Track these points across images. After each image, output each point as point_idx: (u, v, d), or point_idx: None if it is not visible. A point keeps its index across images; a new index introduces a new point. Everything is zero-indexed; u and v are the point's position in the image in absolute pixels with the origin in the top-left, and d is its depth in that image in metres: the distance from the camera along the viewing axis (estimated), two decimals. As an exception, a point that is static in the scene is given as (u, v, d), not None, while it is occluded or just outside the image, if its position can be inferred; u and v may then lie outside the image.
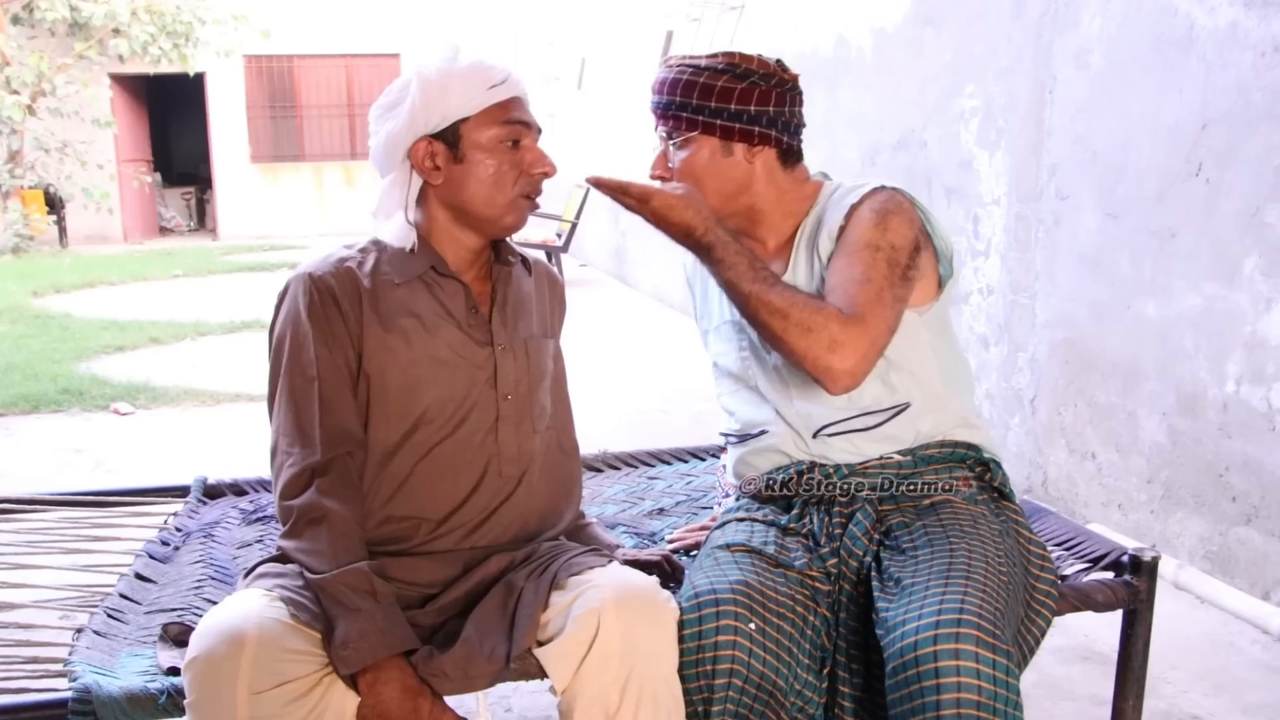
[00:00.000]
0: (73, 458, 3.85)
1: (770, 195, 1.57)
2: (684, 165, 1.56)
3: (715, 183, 1.55)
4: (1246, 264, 2.44)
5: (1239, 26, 2.44)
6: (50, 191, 11.71)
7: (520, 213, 1.45)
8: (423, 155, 1.41)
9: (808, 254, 1.55)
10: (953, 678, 1.19)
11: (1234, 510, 2.51)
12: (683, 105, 1.53)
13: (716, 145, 1.54)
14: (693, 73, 1.53)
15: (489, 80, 1.40)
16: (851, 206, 1.50)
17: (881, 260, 1.44)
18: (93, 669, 1.32)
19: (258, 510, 1.99)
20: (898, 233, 1.46)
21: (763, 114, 1.52)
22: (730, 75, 1.51)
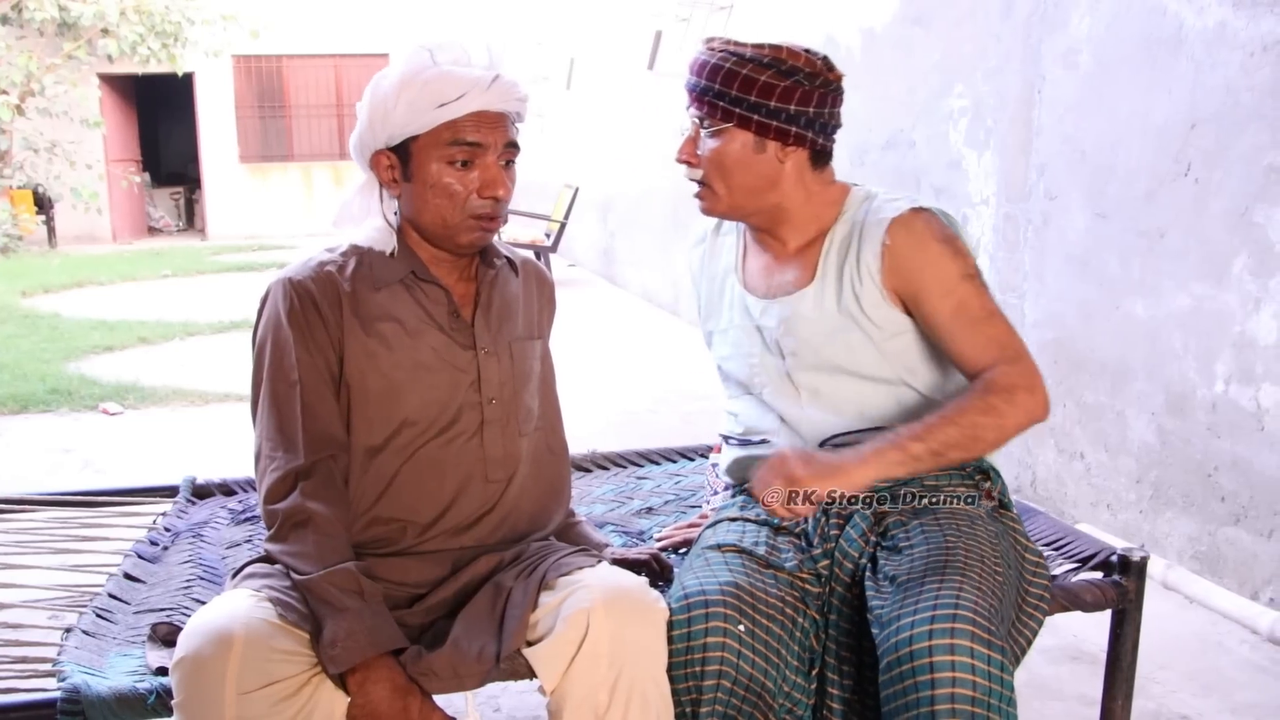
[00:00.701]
0: (61, 458, 3.84)
1: (798, 196, 1.53)
2: (713, 154, 1.51)
3: (743, 177, 1.51)
4: (1235, 264, 2.45)
5: (1228, 26, 2.45)
6: (39, 191, 11.66)
7: (474, 233, 1.41)
8: (383, 167, 1.41)
9: (837, 273, 1.51)
10: (948, 673, 1.19)
11: (1223, 510, 2.52)
12: (720, 94, 1.47)
13: (750, 140, 1.49)
14: (736, 61, 1.46)
15: (441, 97, 1.34)
16: (891, 222, 1.45)
17: (979, 285, 1.46)
18: (81, 669, 1.31)
19: (246, 510, 1.99)
20: (966, 251, 1.48)
21: (802, 114, 1.48)
22: (775, 71, 1.46)
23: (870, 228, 1.49)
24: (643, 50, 6.71)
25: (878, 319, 1.49)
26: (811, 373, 1.54)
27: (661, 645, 1.28)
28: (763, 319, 1.57)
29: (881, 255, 1.46)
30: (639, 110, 7.29)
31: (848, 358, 1.51)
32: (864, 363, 1.51)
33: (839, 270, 1.51)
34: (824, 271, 1.53)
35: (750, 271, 1.63)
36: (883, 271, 1.47)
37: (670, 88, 6.39)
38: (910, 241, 1.46)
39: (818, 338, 1.52)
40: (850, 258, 1.50)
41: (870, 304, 1.48)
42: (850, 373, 1.52)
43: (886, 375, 1.51)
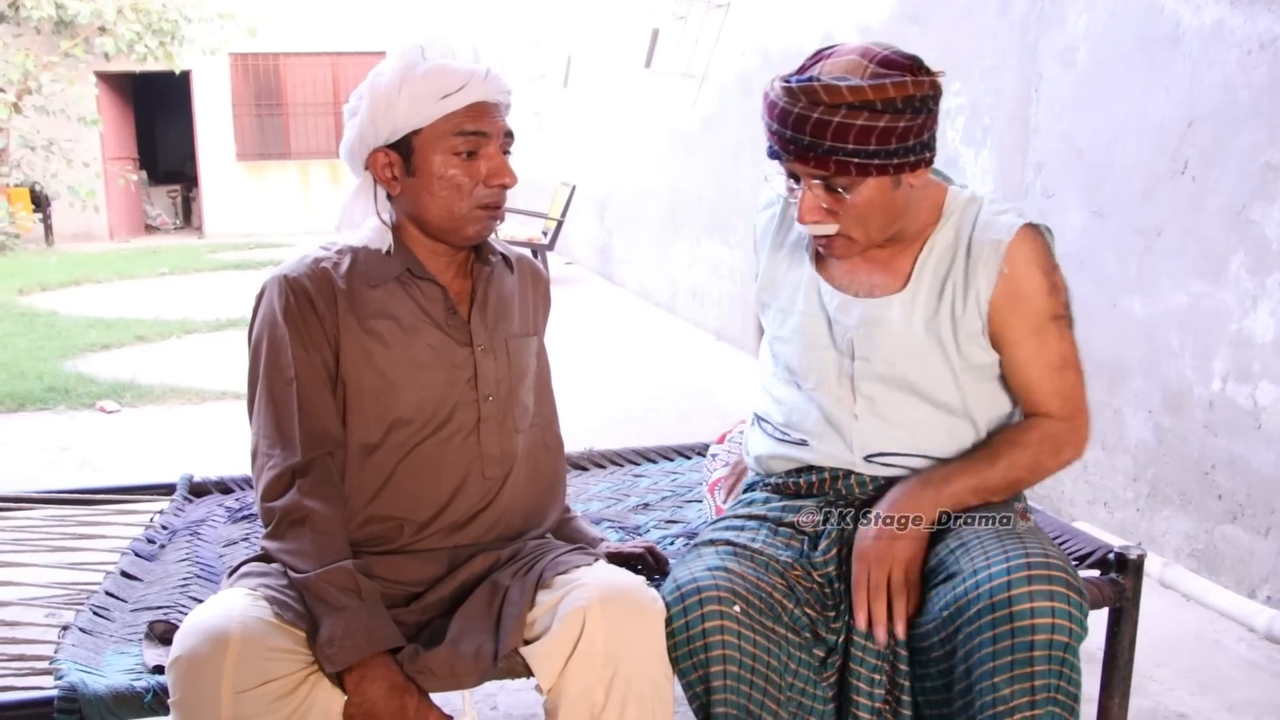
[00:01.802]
0: (58, 456, 3.83)
1: (919, 209, 1.48)
2: (851, 209, 1.41)
3: (884, 217, 1.43)
4: (1232, 262, 2.46)
5: (1225, 24, 2.45)
6: (36, 189, 11.66)
7: (480, 224, 1.41)
8: (381, 165, 1.40)
9: (936, 286, 1.46)
10: (1047, 619, 1.22)
11: (1220, 508, 2.53)
12: (854, 153, 1.36)
13: (887, 182, 1.40)
14: (847, 113, 1.34)
15: (442, 89, 1.35)
16: (1009, 247, 1.42)
17: (1063, 328, 1.46)
18: (78, 667, 1.32)
19: (243, 508, 1.99)
20: (1063, 285, 1.46)
21: (921, 139, 1.39)
22: (891, 115, 1.34)
23: (982, 247, 1.44)
24: (640, 48, 6.70)
25: (965, 347, 1.46)
26: (876, 383, 1.49)
27: (659, 643, 1.28)
28: (838, 314, 1.51)
29: (997, 282, 1.43)
30: (636, 108, 7.28)
31: (921, 378, 1.47)
32: (935, 387, 1.48)
33: (939, 284, 1.46)
34: (919, 281, 1.47)
35: (830, 260, 1.55)
36: (993, 300, 1.43)
37: (668, 86, 6.39)
38: (1023, 269, 1.43)
39: (896, 350, 1.47)
40: (955, 274, 1.45)
41: (966, 331, 1.45)
42: (916, 393, 1.48)
43: (951, 403, 1.48)
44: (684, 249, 6.47)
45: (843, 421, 1.51)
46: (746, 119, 5.29)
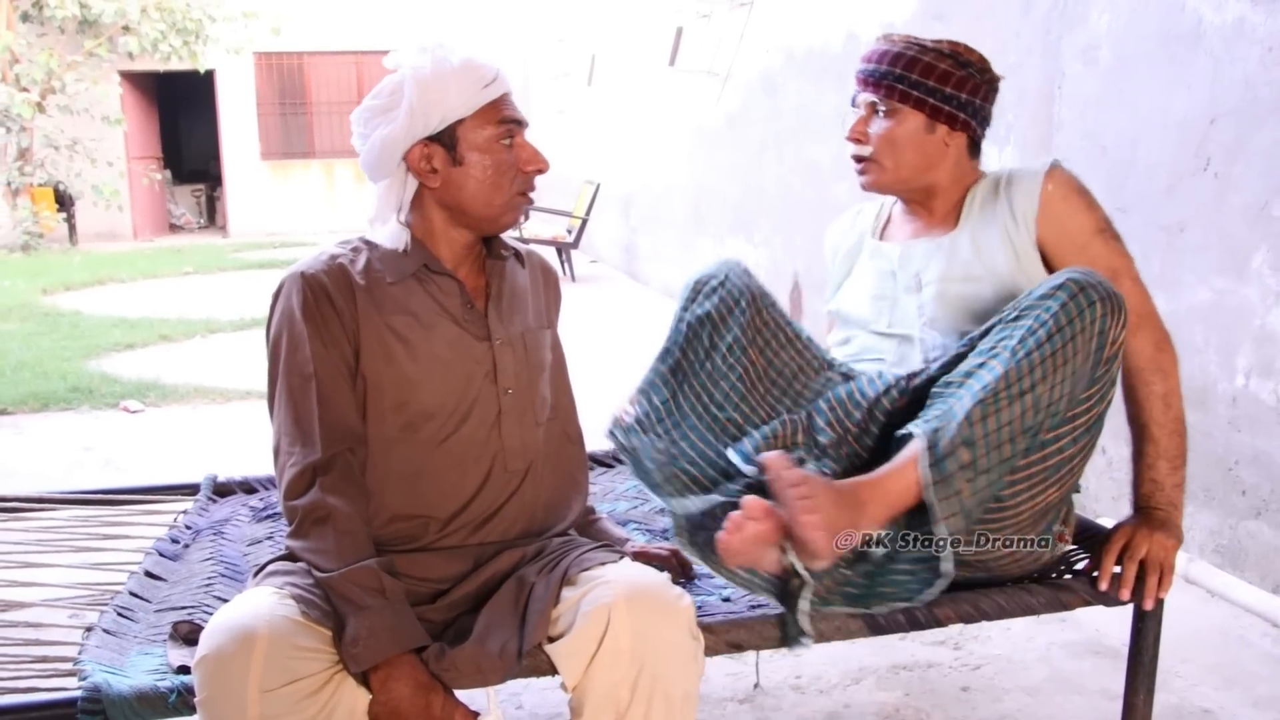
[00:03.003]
0: (82, 456, 3.86)
1: (952, 177, 1.69)
2: (886, 133, 1.65)
3: (911, 155, 1.65)
4: (1255, 258, 2.43)
5: (1246, 21, 2.43)
6: (60, 189, 11.77)
7: (517, 210, 1.46)
8: (419, 159, 1.40)
9: (984, 220, 1.64)
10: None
11: (1244, 504, 2.51)
12: (900, 78, 1.62)
13: (923, 121, 1.64)
14: (919, 50, 1.63)
15: (482, 79, 1.39)
16: (1046, 172, 1.60)
17: (1109, 239, 1.59)
18: (102, 668, 1.32)
19: (268, 507, 2.00)
20: (1099, 205, 1.61)
21: (970, 103, 1.64)
22: (954, 61, 1.62)
23: (1021, 178, 1.63)
24: (664, 47, 6.69)
25: (1025, 266, 1.58)
26: (937, 308, 1.64)
27: (685, 641, 1.28)
28: (902, 261, 1.70)
29: (1039, 202, 1.59)
30: (660, 107, 7.28)
31: (974, 295, 1.61)
32: (983, 303, 1.60)
33: (988, 215, 1.64)
34: (967, 218, 1.67)
35: (893, 232, 1.79)
36: (1039, 219, 1.59)
37: (692, 84, 6.38)
38: (1060, 191, 1.59)
39: (951, 272, 1.63)
40: (1000, 205, 1.63)
41: (1023, 249, 1.59)
42: (971, 315, 1.60)
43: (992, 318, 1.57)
44: (708, 247, 6.46)
45: (913, 336, 1.66)
46: (770, 117, 5.27)
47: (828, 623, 1.42)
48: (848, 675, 2.15)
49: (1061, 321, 1.35)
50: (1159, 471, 1.57)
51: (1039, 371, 1.35)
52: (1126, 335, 1.44)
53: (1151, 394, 1.57)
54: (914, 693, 2.09)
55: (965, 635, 2.31)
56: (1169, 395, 1.57)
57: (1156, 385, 1.57)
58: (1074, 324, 1.36)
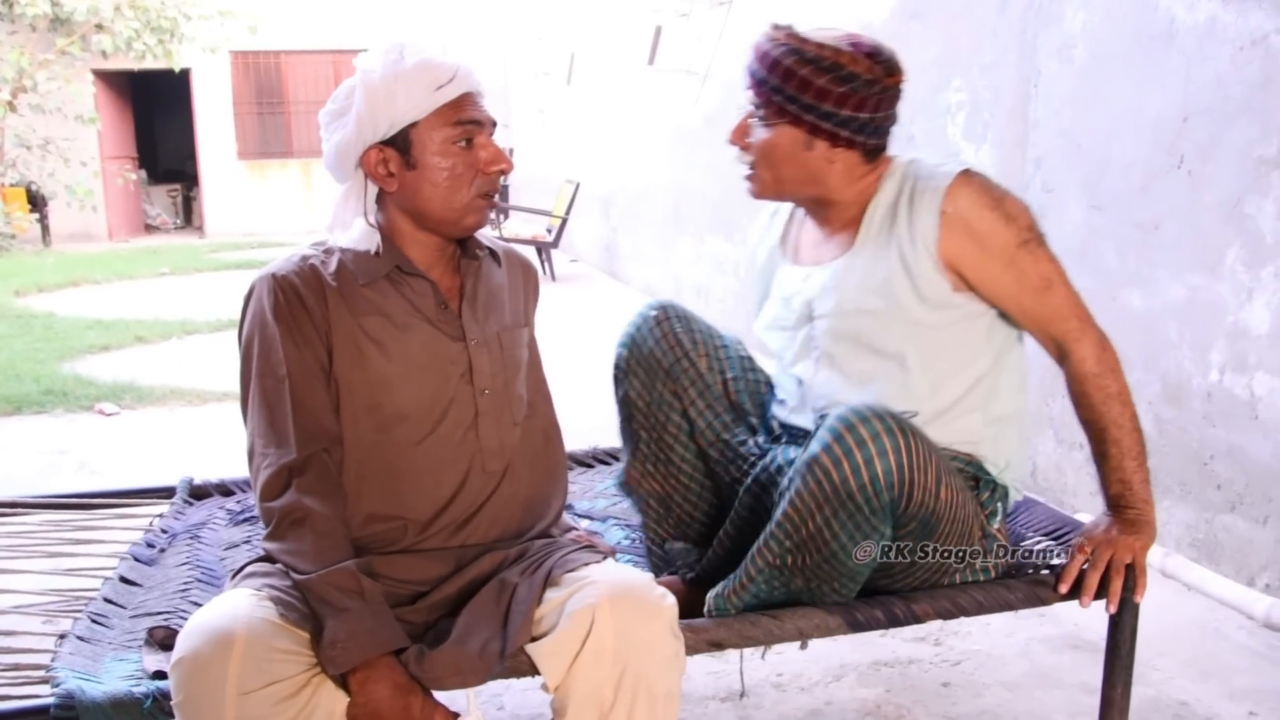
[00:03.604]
0: (56, 459, 3.82)
1: (844, 188, 1.57)
2: (763, 144, 1.55)
3: (789, 170, 1.55)
4: (1228, 255, 2.46)
5: (1217, 21, 2.45)
6: (32, 189, 11.63)
7: (479, 213, 1.42)
8: (375, 163, 1.39)
9: (884, 237, 1.53)
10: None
11: (1219, 498, 2.53)
12: (777, 89, 1.50)
13: (800, 136, 1.52)
14: (796, 60, 1.49)
15: (436, 80, 1.36)
16: (947, 190, 1.48)
17: (1036, 249, 1.49)
18: (76, 674, 1.31)
19: (245, 511, 1.99)
20: (1020, 212, 1.50)
21: (853, 119, 1.49)
22: (833, 76, 1.47)
23: (923, 194, 1.50)
24: (643, 46, 6.69)
25: (923, 290, 1.50)
26: (831, 338, 1.58)
27: (669, 642, 1.27)
28: (803, 286, 1.62)
29: (940, 225, 1.48)
30: (639, 106, 7.27)
31: (871, 329, 1.54)
32: (881, 337, 1.54)
33: (886, 234, 1.53)
34: (865, 235, 1.56)
35: (799, 245, 1.69)
36: (939, 241, 1.48)
37: (671, 83, 6.38)
38: (967, 210, 1.48)
39: (845, 304, 1.56)
40: (900, 222, 1.52)
41: (921, 275, 1.50)
42: (866, 343, 1.55)
43: (895, 349, 1.53)
44: (688, 246, 6.46)
45: (808, 379, 1.61)
46: (745, 114, 5.27)
47: (806, 620, 1.43)
48: (829, 672, 2.15)
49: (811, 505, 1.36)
50: (1126, 470, 1.53)
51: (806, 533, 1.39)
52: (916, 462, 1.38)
53: (1108, 396, 1.52)
54: (895, 689, 2.10)
55: (945, 631, 2.33)
56: (1123, 393, 1.53)
57: (1110, 385, 1.53)
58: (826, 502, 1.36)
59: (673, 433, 1.66)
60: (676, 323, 1.69)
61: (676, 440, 1.66)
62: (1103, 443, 1.54)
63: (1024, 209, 1.51)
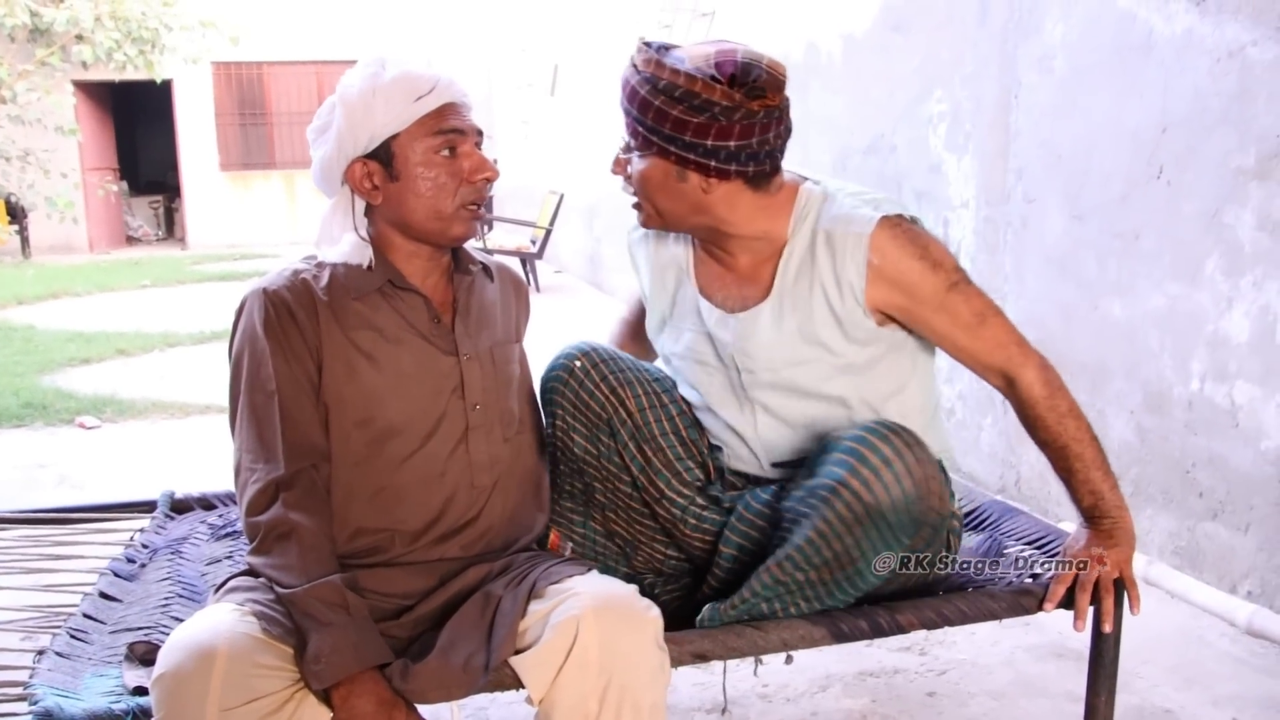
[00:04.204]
0: (36, 473, 3.78)
1: (735, 218, 1.48)
2: (639, 177, 1.49)
3: (668, 202, 1.48)
4: (1208, 264, 2.48)
5: (1194, 33, 2.47)
6: (12, 201, 11.55)
7: (466, 222, 1.42)
8: (359, 177, 1.39)
9: (805, 287, 1.48)
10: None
11: (1201, 506, 2.54)
12: (639, 120, 1.43)
13: (670, 168, 1.44)
14: (650, 90, 1.40)
15: (415, 91, 1.36)
16: (871, 241, 1.43)
17: (964, 289, 1.48)
18: (55, 691, 1.29)
19: (227, 525, 1.97)
20: (944, 255, 1.47)
21: (720, 149, 1.39)
22: (686, 106, 1.38)
23: (845, 240, 1.45)
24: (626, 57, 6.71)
25: (852, 334, 1.49)
26: (766, 390, 1.54)
27: (653, 653, 1.27)
28: (718, 330, 1.55)
29: (866, 275, 1.44)
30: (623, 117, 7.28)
31: (807, 379, 1.51)
32: (821, 385, 1.52)
33: (805, 285, 1.48)
34: (781, 287, 1.50)
35: (703, 275, 1.59)
36: (867, 291, 1.45)
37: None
38: (895, 262, 1.44)
39: (775, 357, 1.51)
40: (821, 270, 1.46)
41: (850, 321, 1.48)
42: (806, 394, 1.53)
43: (844, 396, 1.53)
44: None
45: (746, 432, 1.57)
46: (728, 125, 5.29)
47: (791, 632, 1.43)
48: (814, 683, 2.15)
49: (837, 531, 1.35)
50: (1094, 481, 1.51)
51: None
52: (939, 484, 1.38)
53: (1061, 415, 1.50)
54: (880, 699, 2.10)
55: (930, 641, 2.33)
56: (1074, 408, 1.50)
57: (1061, 404, 1.50)
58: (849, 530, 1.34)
59: (626, 491, 1.61)
60: (606, 366, 1.60)
61: (631, 498, 1.61)
62: (1065, 459, 1.52)
63: (946, 252, 1.48)
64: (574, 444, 1.60)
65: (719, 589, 1.53)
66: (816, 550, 1.36)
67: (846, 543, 1.34)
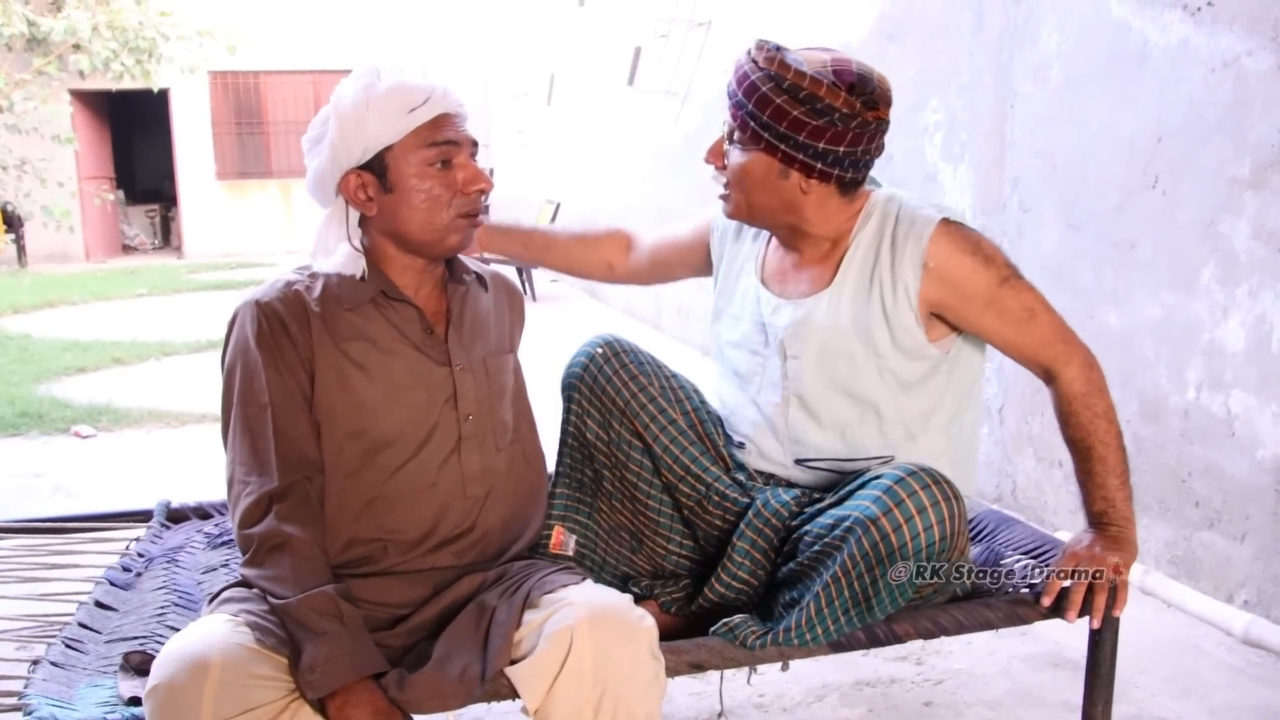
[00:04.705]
0: (32, 482, 3.77)
1: (818, 220, 1.54)
2: (737, 168, 1.53)
3: (763, 198, 1.53)
4: (1203, 273, 2.48)
5: (1189, 43, 2.49)
6: (8, 210, 11.53)
7: (461, 233, 1.42)
8: (354, 188, 1.39)
9: (865, 281, 1.53)
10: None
11: (1197, 515, 2.55)
12: (753, 115, 1.47)
13: (775, 165, 1.49)
14: (773, 87, 1.45)
15: (408, 103, 1.36)
16: (930, 241, 1.49)
17: (1015, 285, 1.51)
18: (50, 701, 1.29)
19: (223, 534, 1.97)
20: (995, 252, 1.52)
21: (830, 153, 1.46)
22: (809, 108, 1.44)
23: (905, 242, 1.50)
24: (623, 66, 6.73)
25: (899, 338, 1.51)
26: (806, 380, 1.56)
27: (648, 663, 1.27)
28: (773, 317, 1.60)
29: (922, 276, 1.49)
30: (619, 126, 7.30)
31: (848, 372, 1.54)
32: (862, 384, 1.54)
33: (866, 280, 1.53)
34: (844, 277, 1.54)
35: (770, 267, 1.65)
36: (921, 292, 1.50)
37: (651, 103, 6.41)
38: (946, 260, 1.49)
39: (824, 346, 1.55)
40: (882, 267, 1.52)
41: (899, 325, 1.51)
42: (845, 391, 1.55)
43: (879, 403, 1.54)
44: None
45: (777, 422, 1.60)
46: (725, 135, 5.30)
47: (788, 641, 1.42)
48: (810, 693, 2.15)
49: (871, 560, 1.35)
50: (1110, 488, 1.52)
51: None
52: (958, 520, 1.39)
53: (1095, 415, 1.52)
54: (877, 709, 2.10)
55: (927, 650, 2.33)
56: (1109, 411, 1.53)
57: (1098, 404, 1.53)
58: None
59: (635, 470, 1.62)
60: (626, 356, 1.65)
61: (640, 478, 1.62)
62: (1088, 460, 1.53)
63: (998, 249, 1.53)
64: (586, 429, 1.62)
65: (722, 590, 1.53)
66: (840, 588, 1.37)
67: (865, 581, 1.35)
